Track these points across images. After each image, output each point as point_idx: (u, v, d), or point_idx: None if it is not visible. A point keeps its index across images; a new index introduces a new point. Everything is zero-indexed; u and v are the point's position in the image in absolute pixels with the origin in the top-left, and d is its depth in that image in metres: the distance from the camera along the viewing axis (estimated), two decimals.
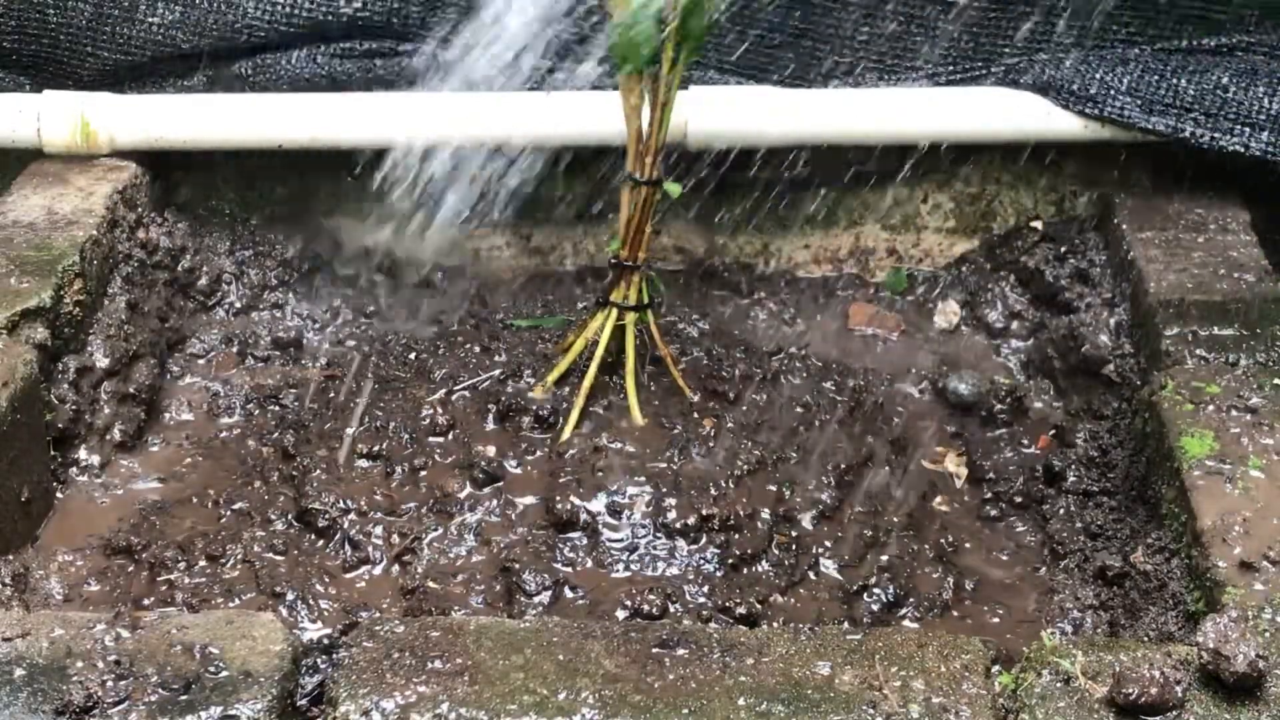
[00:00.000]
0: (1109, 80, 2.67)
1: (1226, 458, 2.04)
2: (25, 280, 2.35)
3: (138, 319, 2.56)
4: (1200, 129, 2.63)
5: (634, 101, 2.22)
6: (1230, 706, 1.62)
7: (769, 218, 2.89)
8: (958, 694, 1.64)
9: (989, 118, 2.73)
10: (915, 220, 2.90)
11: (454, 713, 1.62)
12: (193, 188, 2.86)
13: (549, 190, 2.88)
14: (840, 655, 1.70)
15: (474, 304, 2.77)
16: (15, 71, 2.81)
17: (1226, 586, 1.83)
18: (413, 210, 2.65)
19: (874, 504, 2.27)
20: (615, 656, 1.69)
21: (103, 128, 2.72)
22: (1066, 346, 2.60)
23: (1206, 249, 2.57)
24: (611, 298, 2.32)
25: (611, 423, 2.31)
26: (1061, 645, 1.71)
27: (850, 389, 2.50)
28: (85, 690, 1.61)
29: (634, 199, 2.27)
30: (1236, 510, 1.95)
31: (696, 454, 2.26)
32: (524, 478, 2.25)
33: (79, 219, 2.53)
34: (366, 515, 2.19)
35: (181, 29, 2.75)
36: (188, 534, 2.22)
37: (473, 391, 2.40)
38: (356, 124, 2.73)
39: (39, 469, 2.28)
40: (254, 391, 2.58)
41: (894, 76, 2.75)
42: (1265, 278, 2.48)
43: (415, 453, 2.28)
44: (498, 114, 2.72)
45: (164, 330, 2.66)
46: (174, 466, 2.42)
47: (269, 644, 1.70)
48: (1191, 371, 2.24)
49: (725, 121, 2.70)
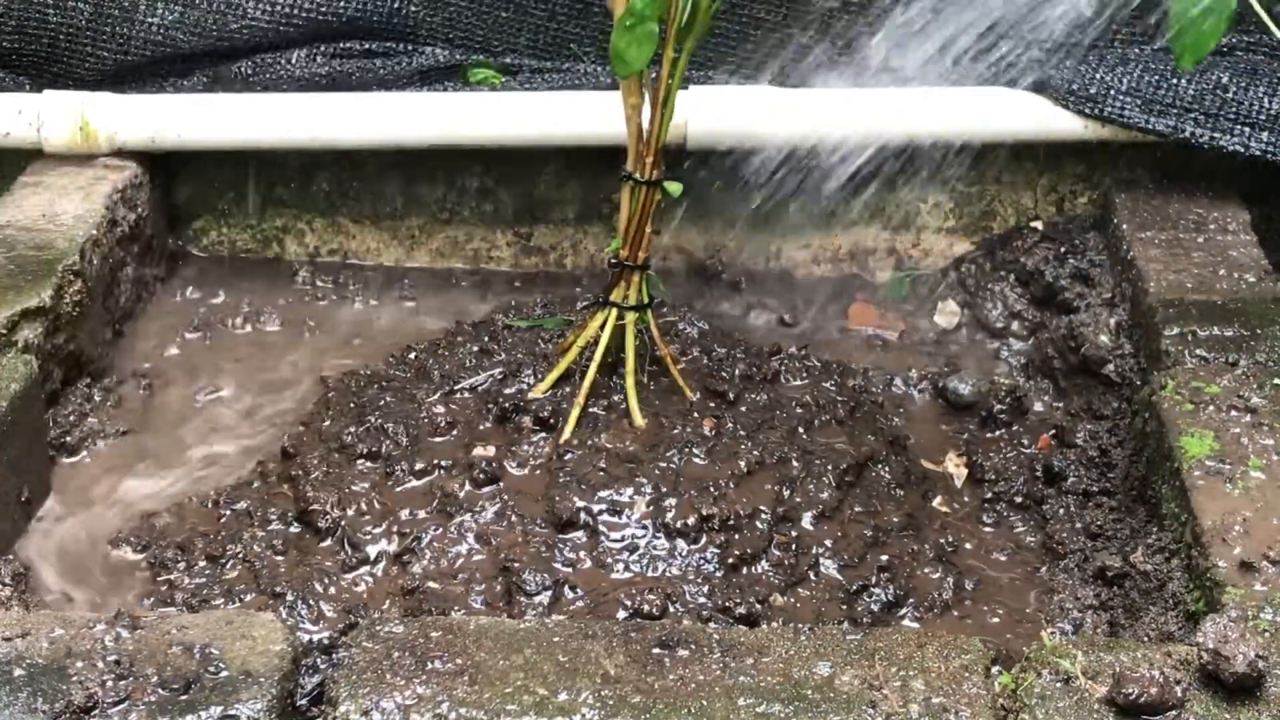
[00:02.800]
0: (1109, 80, 2.68)
1: (1226, 458, 2.04)
2: (25, 280, 2.35)
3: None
4: (1200, 129, 2.63)
5: (634, 101, 2.22)
6: (1230, 706, 1.62)
7: (769, 217, 2.89)
8: (958, 694, 1.64)
9: (989, 118, 2.73)
10: (915, 220, 2.91)
11: (454, 713, 1.62)
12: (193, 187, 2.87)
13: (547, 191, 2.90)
14: (840, 655, 1.70)
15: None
16: (15, 71, 2.81)
17: (1226, 586, 1.83)
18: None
19: (874, 504, 2.27)
20: (615, 657, 1.69)
21: (103, 127, 2.72)
22: (1066, 346, 2.60)
23: (1206, 249, 2.57)
24: (612, 297, 2.32)
25: (611, 423, 2.31)
26: (1061, 645, 1.71)
27: (850, 389, 2.50)
28: (85, 690, 1.62)
29: (634, 199, 2.27)
30: (1236, 510, 1.95)
31: (696, 454, 2.26)
32: (524, 478, 2.25)
33: (79, 219, 2.53)
34: (366, 515, 2.19)
35: (181, 29, 2.75)
36: (188, 534, 2.23)
37: (472, 392, 2.40)
38: (357, 124, 2.73)
39: (39, 469, 2.28)
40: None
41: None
42: (1265, 278, 2.48)
43: (415, 453, 2.28)
44: (498, 114, 2.72)
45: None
46: (175, 466, 2.42)
47: (269, 644, 1.70)
48: (1191, 371, 2.24)
49: (725, 121, 2.70)
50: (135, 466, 2.41)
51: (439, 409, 2.35)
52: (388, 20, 2.77)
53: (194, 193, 2.90)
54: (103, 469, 2.40)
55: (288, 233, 2.95)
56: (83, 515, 2.30)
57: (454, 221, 2.93)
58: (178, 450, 2.46)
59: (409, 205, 2.92)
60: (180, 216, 2.93)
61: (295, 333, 2.77)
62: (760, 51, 2.76)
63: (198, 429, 2.51)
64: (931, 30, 2.62)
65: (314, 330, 2.78)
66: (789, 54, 2.75)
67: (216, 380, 2.63)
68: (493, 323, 2.62)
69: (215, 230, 2.94)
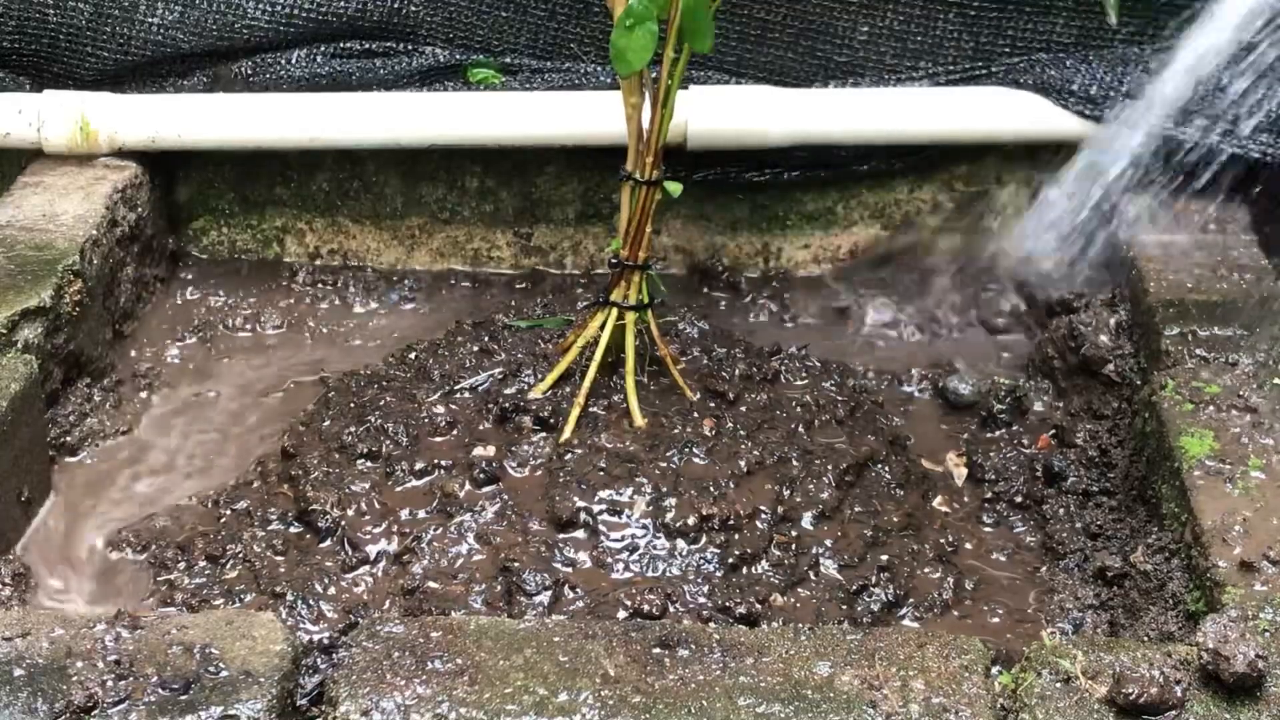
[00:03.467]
0: (1109, 80, 2.68)
1: (1226, 458, 2.04)
2: (25, 280, 2.35)
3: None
4: (1200, 130, 2.63)
5: (634, 101, 2.22)
6: (1230, 706, 1.62)
7: (769, 217, 2.89)
8: (958, 694, 1.64)
9: (989, 118, 2.73)
10: (915, 220, 2.90)
11: (454, 713, 1.62)
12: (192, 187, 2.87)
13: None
14: (840, 655, 1.70)
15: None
16: (15, 71, 2.81)
17: (1226, 586, 1.83)
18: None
19: (874, 504, 2.27)
20: (615, 656, 1.69)
21: (103, 127, 2.72)
22: (1066, 346, 2.60)
23: (1206, 249, 2.57)
24: (612, 297, 2.32)
25: (611, 423, 2.31)
26: (1061, 645, 1.71)
27: (850, 389, 2.50)
28: (85, 690, 1.62)
29: (634, 199, 2.27)
30: (1236, 510, 1.95)
31: (696, 454, 2.26)
32: (524, 478, 2.25)
33: (79, 219, 2.54)
34: (366, 515, 2.19)
35: (181, 29, 2.75)
36: (188, 534, 2.23)
37: (472, 392, 2.40)
38: (357, 124, 2.73)
39: (39, 468, 2.28)
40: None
41: (894, 76, 2.76)
42: (1265, 278, 2.48)
43: (415, 453, 2.28)
44: (498, 114, 2.72)
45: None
46: (175, 466, 2.42)
47: (269, 644, 1.70)
48: (1191, 371, 2.24)
49: (725, 121, 2.71)
50: (135, 467, 2.41)
51: (439, 409, 2.35)
52: (388, 20, 2.77)
53: (194, 193, 2.91)
54: (103, 469, 2.40)
55: (288, 233, 2.95)
56: (83, 515, 2.30)
57: (454, 221, 2.93)
58: (178, 450, 2.46)
59: (409, 205, 2.92)
60: (180, 216, 2.93)
61: (295, 333, 2.77)
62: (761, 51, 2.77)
63: (198, 429, 2.51)
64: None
65: (314, 330, 2.78)
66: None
67: (216, 380, 2.63)
68: (493, 323, 2.62)
69: (215, 230, 2.95)
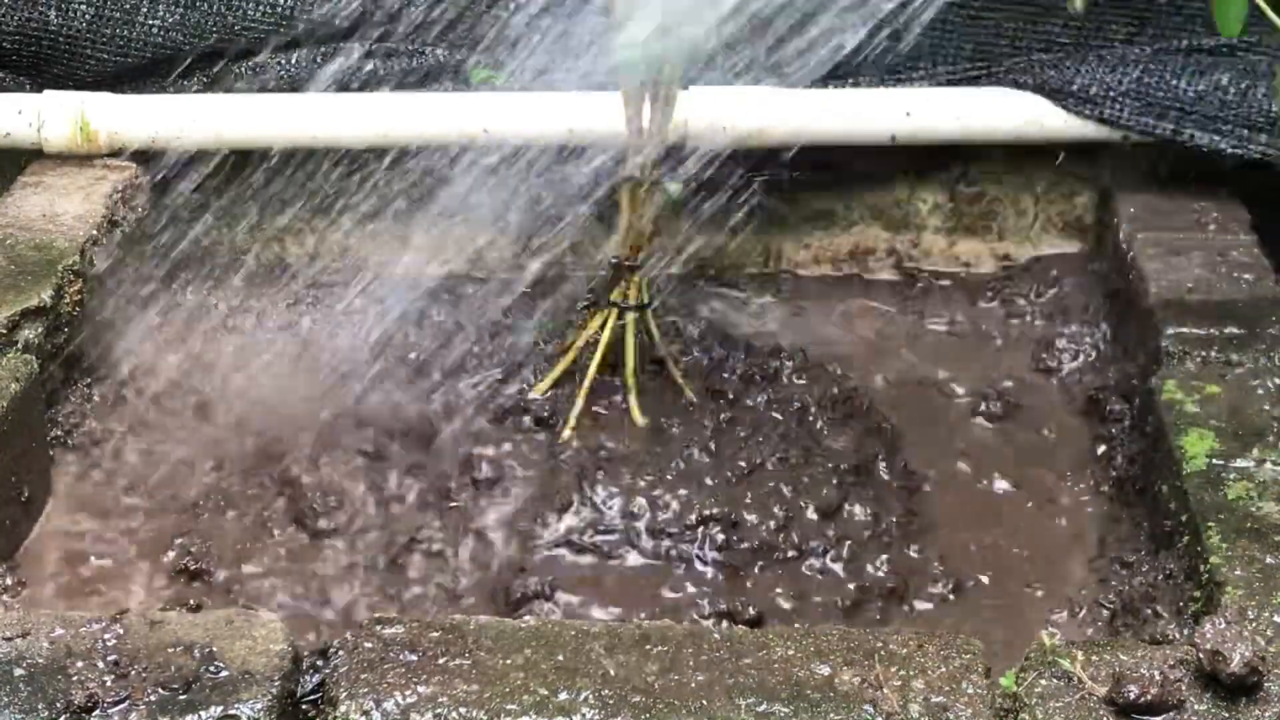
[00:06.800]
0: (1109, 81, 2.68)
1: (1227, 457, 2.04)
2: (25, 280, 2.35)
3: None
4: (1200, 130, 2.63)
5: (634, 101, 2.22)
6: (1230, 706, 1.62)
7: (769, 217, 2.89)
8: (958, 694, 1.64)
9: (989, 118, 2.73)
10: (915, 220, 2.90)
11: (454, 712, 1.62)
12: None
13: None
14: (840, 655, 1.70)
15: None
16: (15, 71, 2.81)
17: (1226, 586, 1.83)
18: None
19: (874, 504, 2.27)
20: (615, 656, 1.69)
21: (103, 128, 2.72)
22: None
23: (1206, 249, 2.57)
24: (612, 297, 2.32)
25: (611, 423, 2.31)
26: (1061, 645, 1.71)
27: (850, 389, 2.50)
28: (85, 690, 1.62)
29: (634, 199, 2.27)
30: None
31: (696, 454, 2.26)
32: (524, 478, 2.25)
33: (79, 219, 2.54)
34: (366, 515, 2.19)
35: (181, 30, 2.75)
36: (188, 534, 2.22)
37: (472, 391, 2.40)
38: (357, 124, 2.73)
39: (40, 468, 2.28)
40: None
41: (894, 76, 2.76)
42: (1265, 277, 2.48)
43: (415, 452, 2.28)
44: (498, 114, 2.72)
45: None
46: (174, 466, 2.42)
47: (269, 644, 1.70)
48: (1191, 371, 2.24)
49: (726, 121, 2.70)
50: (135, 466, 2.41)
51: (439, 408, 2.35)
52: (388, 20, 2.77)
53: (194, 193, 2.90)
54: (103, 469, 2.39)
55: (288, 233, 2.95)
56: (83, 515, 2.30)
57: (455, 221, 2.93)
58: (177, 450, 2.45)
59: (410, 205, 2.92)
60: (180, 217, 2.93)
61: (295, 333, 2.77)
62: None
63: (198, 429, 2.51)
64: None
65: (314, 330, 2.78)
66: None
67: (216, 380, 2.63)
68: (493, 323, 2.62)
69: (215, 230, 2.94)
